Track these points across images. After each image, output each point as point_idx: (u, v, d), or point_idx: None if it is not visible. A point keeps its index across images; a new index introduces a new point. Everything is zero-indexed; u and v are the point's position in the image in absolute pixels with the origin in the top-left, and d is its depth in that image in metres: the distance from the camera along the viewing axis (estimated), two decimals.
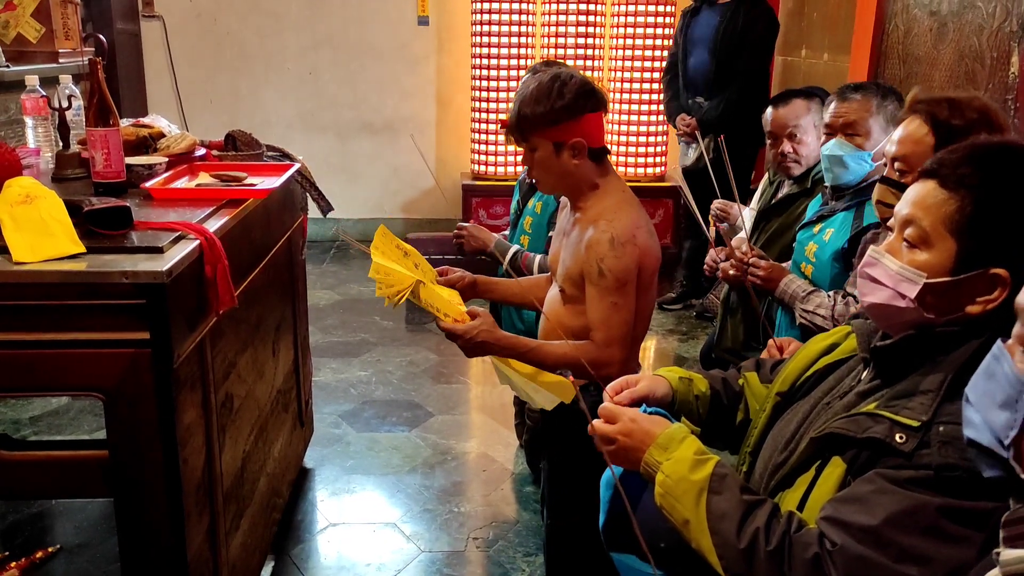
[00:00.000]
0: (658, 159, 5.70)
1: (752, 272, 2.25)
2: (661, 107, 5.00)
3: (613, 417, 1.30)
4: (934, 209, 1.08)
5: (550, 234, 2.61)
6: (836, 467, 1.11)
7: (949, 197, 1.07)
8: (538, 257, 2.60)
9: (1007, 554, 0.76)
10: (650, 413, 1.30)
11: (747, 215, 3.04)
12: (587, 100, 1.80)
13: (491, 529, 2.76)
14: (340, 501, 2.89)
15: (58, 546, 2.46)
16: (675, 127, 4.50)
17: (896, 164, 1.58)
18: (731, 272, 2.34)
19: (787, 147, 2.54)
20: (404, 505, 2.87)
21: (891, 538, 1.01)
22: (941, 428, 1.03)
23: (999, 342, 0.77)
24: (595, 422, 1.32)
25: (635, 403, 1.35)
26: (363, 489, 2.97)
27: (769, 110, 2.62)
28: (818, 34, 4.68)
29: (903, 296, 1.10)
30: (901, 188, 1.55)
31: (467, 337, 1.79)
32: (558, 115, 1.79)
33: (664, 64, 4.81)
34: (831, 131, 2.16)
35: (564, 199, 2.02)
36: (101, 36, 3.83)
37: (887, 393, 1.11)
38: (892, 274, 1.11)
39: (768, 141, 2.63)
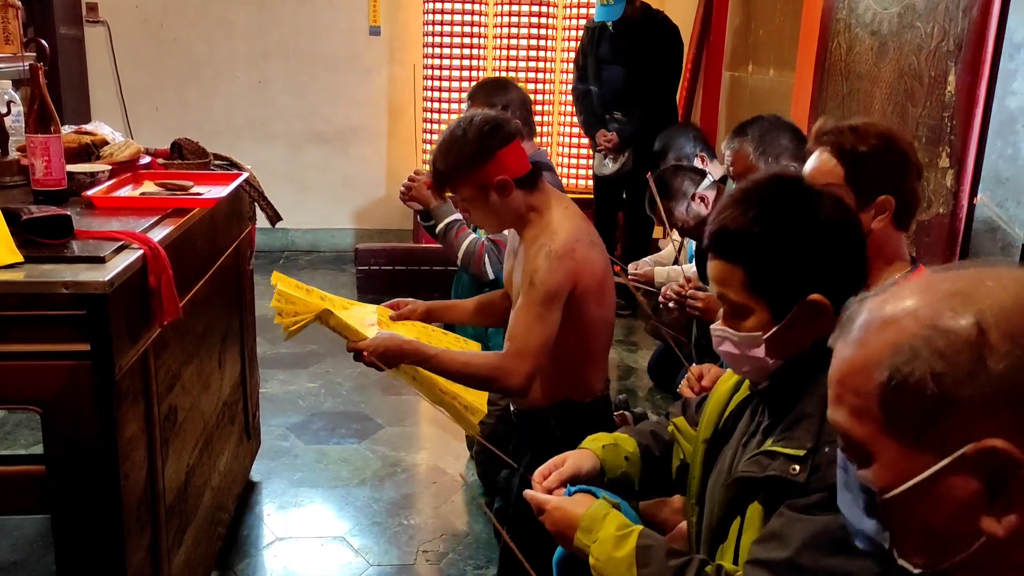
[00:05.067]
0: None
1: (690, 304, 2.28)
2: None
3: (538, 507, 1.32)
4: (730, 281, 1.16)
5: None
6: (756, 510, 1.15)
7: (732, 267, 1.15)
8: (471, 236, 2.58)
9: None
10: (576, 491, 1.31)
11: (665, 272, 3.09)
12: (493, 138, 1.81)
13: (441, 542, 2.74)
14: (287, 515, 2.85)
15: None
16: (594, 141, 4.69)
17: None
18: (672, 303, 2.36)
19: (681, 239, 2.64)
20: (353, 518, 2.84)
21: (807, 564, 1.04)
22: (827, 449, 1.07)
23: (840, 454, 0.80)
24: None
25: (565, 483, 1.36)
26: (311, 502, 2.93)
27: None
28: (764, 50, 4.78)
29: (757, 358, 1.16)
30: None
31: (371, 348, 1.79)
32: (471, 162, 1.80)
33: (573, 76, 4.91)
34: (730, 176, 2.23)
35: None
36: (43, 41, 3.74)
37: (782, 426, 1.15)
38: (738, 343, 1.18)
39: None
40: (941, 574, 0.73)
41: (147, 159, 2.47)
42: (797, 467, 1.08)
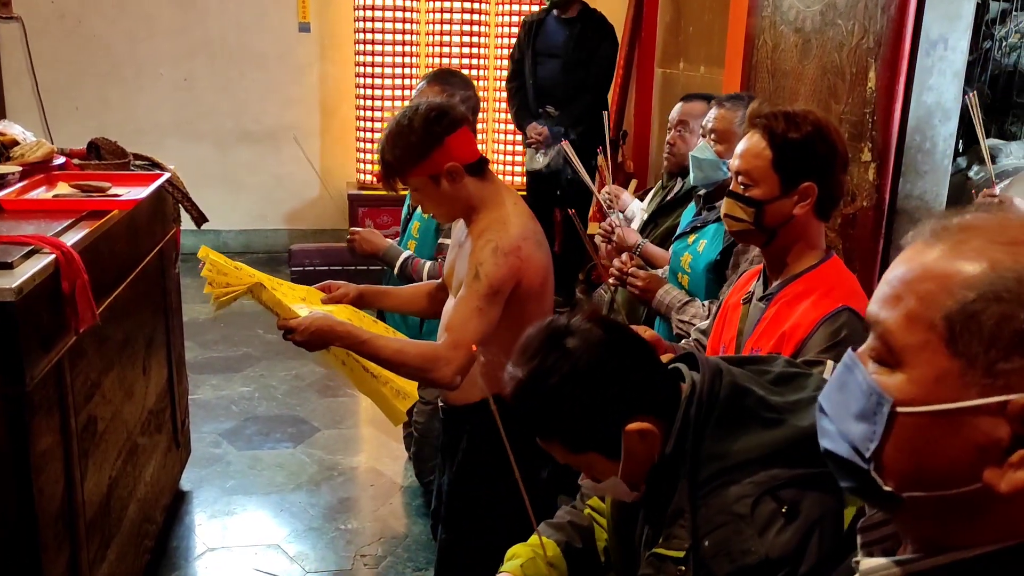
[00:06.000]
0: None
1: (631, 282, 2.29)
2: None
3: None
4: (557, 452, 1.18)
5: (440, 241, 2.59)
6: None
7: (550, 443, 1.18)
8: (427, 264, 2.58)
9: (867, 563, 0.76)
10: None
11: (637, 207, 3.10)
12: (440, 124, 1.78)
13: (380, 545, 2.70)
14: (220, 524, 2.78)
15: None
16: (525, 134, 4.69)
17: (740, 178, 1.61)
18: (614, 278, 2.37)
19: (671, 138, 2.60)
20: (288, 525, 2.78)
21: None
22: (706, 543, 1.08)
23: (850, 351, 0.76)
24: None
25: None
26: (244, 510, 2.86)
27: (678, 103, 2.69)
28: (694, 48, 4.84)
29: (626, 492, 1.19)
30: (746, 201, 1.60)
31: (302, 328, 1.73)
32: (419, 150, 1.77)
33: (507, 73, 4.90)
34: (704, 135, 2.25)
35: None
36: None
37: (664, 525, 1.16)
38: (598, 487, 1.21)
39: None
40: (900, 500, 0.70)
41: (61, 160, 2.37)
42: (683, 567, 1.09)
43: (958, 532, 0.70)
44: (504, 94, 5.52)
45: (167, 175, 2.43)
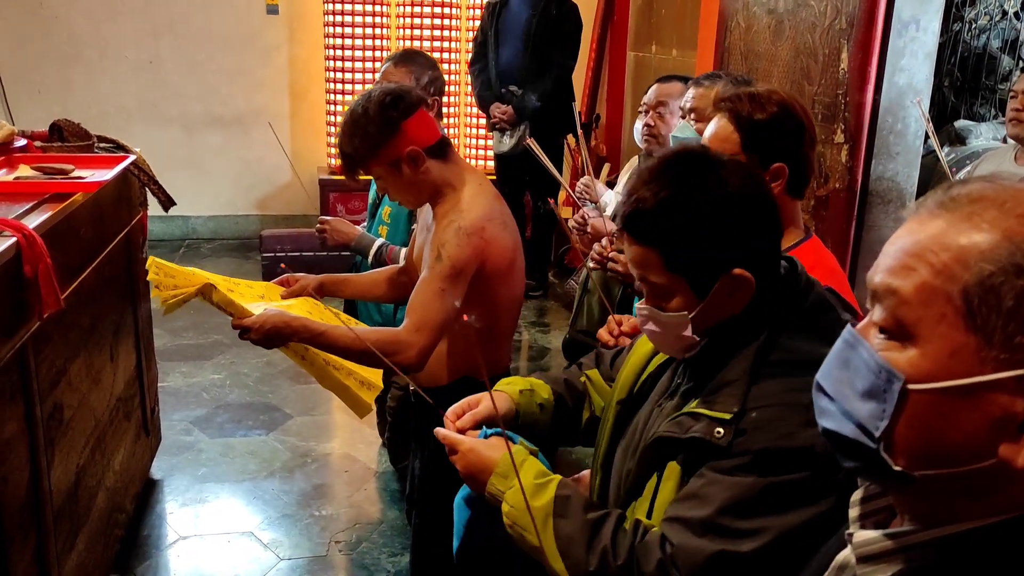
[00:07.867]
0: None
1: (612, 267, 2.28)
2: None
3: (451, 447, 1.26)
4: (648, 264, 1.14)
5: (413, 227, 2.56)
6: (673, 470, 1.13)
7: (649, 251, 1.13)
8: (403, 250, 2.55)
9: (860, 535, 0.75)
10: (491, 434, 1.25)
11: (611, 197, 3.09)
12: (395, 109, 1.75)
13: (354, 531, 2.68)
14: (192, 512, 2.74)
15: None
16: (488, 116, 4.64)
17: None
18: (593, 262, 2.36)
19: (650, 119, 2.58)
20: (262, 512, 2.75)
21: (725, 524, 1.04)
22: (753, 414, 1.07)
23: (848, 327, 0.75)
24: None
25: (479, 425, 1.30)
26: (216, 498, 2.82)
27: (654, 85, 2.67)
28: (667, 30, 4.83)
29: (683, 336, 1.15)
30: None
31: (257, 327, 1.71)
32: (376, 139, 1.74)
33: (471, 55, 4.85)
34: (684, 115, 2.24)
35: None
36: None
37: (705, 390, 1.14)
38: (664, 322, 1.16)
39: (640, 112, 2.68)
40: (912, 479, 0.69)
41: (23, 142, 2.31)
42: (721, 430, 1.07)
43: (964, 508, 0.69)
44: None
45: (132, 157, 2.37)
